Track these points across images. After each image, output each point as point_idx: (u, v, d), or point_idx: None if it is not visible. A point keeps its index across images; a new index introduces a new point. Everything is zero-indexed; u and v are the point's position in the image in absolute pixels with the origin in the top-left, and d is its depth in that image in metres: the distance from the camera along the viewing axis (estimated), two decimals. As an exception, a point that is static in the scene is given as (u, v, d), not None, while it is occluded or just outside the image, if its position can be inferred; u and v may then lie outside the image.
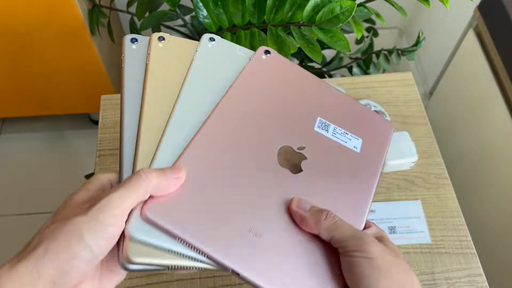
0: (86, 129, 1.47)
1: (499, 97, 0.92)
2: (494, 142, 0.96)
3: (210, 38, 0.47)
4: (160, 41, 0.45)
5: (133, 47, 0.44)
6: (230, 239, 0.36)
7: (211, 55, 0.46)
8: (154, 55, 0.43)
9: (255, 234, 0.37)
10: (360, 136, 0.46)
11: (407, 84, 0.71)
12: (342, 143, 0.45)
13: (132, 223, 0.34)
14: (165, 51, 0.44)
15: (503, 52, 0.90)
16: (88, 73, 1.22)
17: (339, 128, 0.46)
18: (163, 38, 0.45)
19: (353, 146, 0.46)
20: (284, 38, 0.61)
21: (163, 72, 0.43)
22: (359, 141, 0.46)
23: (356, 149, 0.46)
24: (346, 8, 0.53)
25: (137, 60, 0.43)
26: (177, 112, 0.41)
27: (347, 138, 0.46)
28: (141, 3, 0.87)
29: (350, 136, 0.46)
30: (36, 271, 0.30)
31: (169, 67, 0.44)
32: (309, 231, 0.37)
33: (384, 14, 0.74)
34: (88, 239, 0.31)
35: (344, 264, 0.35)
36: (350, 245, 0.35)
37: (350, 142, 0.46)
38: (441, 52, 1.24)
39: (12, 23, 1.05)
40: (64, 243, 0.31)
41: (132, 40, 0.44)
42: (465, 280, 0.55)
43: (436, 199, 0.61)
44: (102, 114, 0.67)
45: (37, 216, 1.32)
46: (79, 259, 0.31)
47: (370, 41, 0.91)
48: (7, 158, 1.43)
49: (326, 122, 0.46)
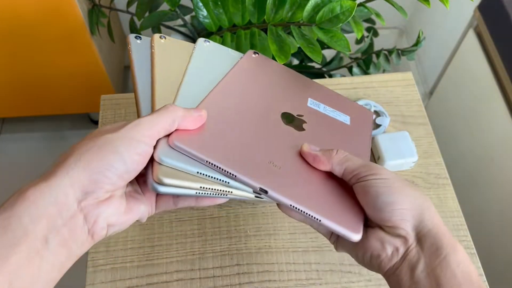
0: (86, 129, 1.47)
1: (499, 97, 0.92)
2: (494, 142, 0.96)
3: (204, 40, 0.51)
4: (161, 39, 0.49)
5: (138, 42, 0.48)
6: (255, 164, 0.38)
7: (207, 52, 0.50)
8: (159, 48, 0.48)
9: (275, 166, 0.39)
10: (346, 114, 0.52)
11: (407, 84, 0.71)
12: (333, 116, 0.50)
13: (160, 149, 0.35)
14: (167, 46, 0.49)
15: (503, 52, 0.90)
16: (88, 73, 1.22)
17: (328, 107, 0.51)
18: (164, 37, 0.49)
19: (343, 120, 0.51)
20: (284, 38, 0.61)
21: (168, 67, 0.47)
22: (347, 117, 0.51)
23: (346, 122, 0.50)
24: (346, 8, 0.53)
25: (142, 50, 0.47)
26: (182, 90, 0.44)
27: (336, 114, 0.51)
28: (141, 3, 0.87)
29: (339, 113, 0.51)
30: (68, 179, 0.30)
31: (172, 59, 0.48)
32: (322, 169, 0.39)
33: (384, 14, 0.73)
34: (122, 150, 0.31)
35: (359, 190, 0.37)
36: (364, 171, 0.36)
37: (340, 117, 0.51)
38: (441, 52, 1.24)
39: (12, 23, 1.05)
40: (97, 153, 0.31)
41: (136, 37, 0.48)
42: (465, 280, 0.55)
43: (436, 199, 0.61)
44: (102, 114, 0.67)
45: (37, 216, 1.32)
46: (112, 170, 0.31)
47: (370, 41, 0.91)
48: (7, 158, 1.43)
49: (316, 102, 0.51)
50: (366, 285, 0.54)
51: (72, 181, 0.30)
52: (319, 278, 0.54)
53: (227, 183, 0.37)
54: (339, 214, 0.37)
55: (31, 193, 0.29)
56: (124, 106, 0.67)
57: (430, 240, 0.34)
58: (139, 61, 0.46)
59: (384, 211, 0.34)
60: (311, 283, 0.54)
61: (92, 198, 0.31)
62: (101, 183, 0.31)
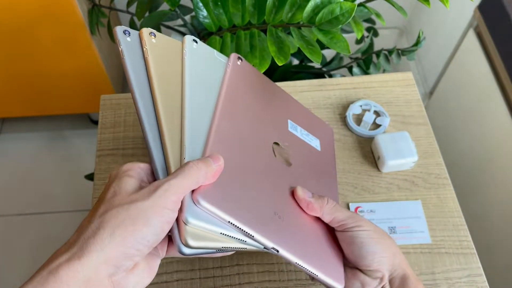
0: (86, 129, 1.47)
1: (499, 97, 0.92)
2: (494, 142, 0.96)
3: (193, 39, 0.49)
4: (151, 36, 0.46)
5: (128, 40, 0.44)
6: (265, 219, 0.40)
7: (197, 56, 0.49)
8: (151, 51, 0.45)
9: (279, 217, 0.42)
10: (316, 137, 0.55)
11: (407, 84, 0.71)
12: (308, 142, 0.53)
13: (187, 210, 0.35)
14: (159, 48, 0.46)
15: (503, 52, 0.90)
16: (88, 73, 1.22)
17: (303, 130, 0.54)
18: (154, 34, 0.46)
19: (315, 145, 0.54)
20: (284, 39, 0.61)
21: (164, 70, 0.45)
22: (317, 141, 0.55)
23: (317, 147, 0.54)
24: (346, 9, 0.53)
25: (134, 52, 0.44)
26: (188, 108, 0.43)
27: (309, 138, 0.54)
28: (141, 3, 0.87)
29: (312, 137, 0.54)
30: (102, 256, 0.30)
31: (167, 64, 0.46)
32: (313, 215, 0.45)
33: (384, 14, 0.73)
34: (154, 222, 0.31)
35: (344, 238, 0.43)
36: (350, 223, 0.43)
37: (312, 142, 0.54)
38: (441, 52, 1.24)
39: (12, 23, 1.05)
40: (131, 227, 0.31)
41: (125, 32, 0.44)
42: (465, 280, 0.55)
43: (436, 199, 0.61)
44: (102, 114, 0.67)
45: (37, 216, 1.32)
46: (145, 243, 0.31)
47: (370, 41, 0.91)
48: (7, 158, 1.43)
49: (294, 124, 0.53)
50: (366, 285, 0.54)
51: (106, 257, 0.30)
52: (319, 278, 0.54)
53: (244, 242, 0.39)
54: (330, 267, 0.43)
55: (64, 273, 0.29)
56: (124, 106, 0.67)
57: (399, 280, 0.41)
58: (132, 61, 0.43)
59: (367, 259, 0.41)
60: (311, 283, 0.54)
61: (122, 270, 0.31)
62: (133, 256, 0.31)
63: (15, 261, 1.25)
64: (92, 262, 0.29)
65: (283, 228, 0.41)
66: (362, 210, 0.60)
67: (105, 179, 0.61)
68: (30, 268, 1.23)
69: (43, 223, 1.30)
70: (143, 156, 0.62)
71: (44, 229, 1.29)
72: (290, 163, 0.48)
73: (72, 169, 1.40)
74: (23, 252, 1.26)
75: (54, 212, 1.32)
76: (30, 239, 1.28)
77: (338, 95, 0.69)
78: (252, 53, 0.63)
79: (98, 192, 0.60)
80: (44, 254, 1.50)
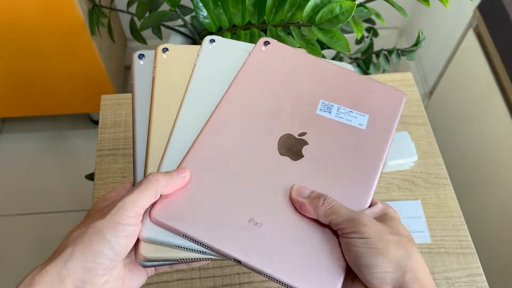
0: (86, 129, 1.47)
1: (499, 97, 0.92)
2: (494, 141, 0.96)
3: (210, 40, 0.49)
4: (164, 52, 0.48)
5: (141, 63, 0.47)
6: (231, 231, 0.38)
7: (212, 57, 0.48)
8: (159, 67, 0.47)
9: (255, 224, 0.39)
10: (366, 112, 0.46)
11: (407, 84, 0.71)
12: (346, 122, 0.46)
13: (143, 227, 0.38)
14: (169, 61, 0.47)
15: (503, 52, 0.90)
16: (88, 73, 1.22)
17: (343, 108, 0.46)
18: (166, 49, 0.48)
19: (358, 123, 0.46)
20: (284, 38, 0.61)
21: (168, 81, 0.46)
22: (365, 117, 0.46)
23: (361, 126, 0.46)
24: (346, 8, 0.53)
25: (145, 74, 0.47)
26: (181, 118, 0.44)
27: (351, 116, 0.46)
28: (141, 3, 0.87)
29: (356, 113, 0.46)
30: (65, 270, 0.33)
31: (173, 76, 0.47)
32: (309, 216, 0.39)
33: (384, 14, 0.74)
34: (109, 237, 0.34)
35: (343, 245, 0.37)
36: (346, 227, 0.36)
37: (355, 120, 0.46)
38: (441, 52, 1.24)
39: (12, 23, 1.05)
40: (88, 243, 0.34)
41: (139, 56, 0.47)
42: (465, 280, 0.55)
43: (436, 199, 0.61)
44: (102, 114, 0.67)
45: (37, 216, 1.32)
46: (103, 257, 0.34)
47: (370, 41, 0.91)
48: (7, 158, 1.43)
49: (329, 103, 0.46)
50: (366, 285, 0.54)
51: (69, 272, 0.33)
52: (319, 278, 0.54)
53: (203, 253, 0.38)
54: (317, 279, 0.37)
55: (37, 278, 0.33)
56: (124, 106, 0.67)
57: None
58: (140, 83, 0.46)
59: (364, 273, 0.34)
60: (311, 283, 0.54)
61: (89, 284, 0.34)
62: (95, 270, 0.34)
63: (15, 261, 1.25)
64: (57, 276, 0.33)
65: (257, 235, 0.38)
66: None
67: (105, 179, 0.61)
68: (30, 268, 1.23)
69: (43, 223, 1.30)
70: (143, 155, 0.62)
71: (44, 229, 1.29)
72: (302, 155, 0.43)
73: (72, 169, 1.40)
74: (23, 252, 1.26)
75: (54, 212, 1.33)
76: (30, 239, 1.28)
77: (338, 95, 0.69)
78: (252, 53, 0.63)
79: (98, 192, 0.60)
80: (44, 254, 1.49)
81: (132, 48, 1.48)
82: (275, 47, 0.49)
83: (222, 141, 0.43)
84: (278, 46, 0.49)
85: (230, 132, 0.44)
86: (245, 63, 0.47)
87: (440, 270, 0.56)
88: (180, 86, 0.46)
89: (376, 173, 0.43)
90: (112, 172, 0.61)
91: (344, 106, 0.46)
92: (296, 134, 0.44)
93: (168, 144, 0.42)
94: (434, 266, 0.56)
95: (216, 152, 0.42)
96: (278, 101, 0.46)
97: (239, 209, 0.40)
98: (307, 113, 0.46)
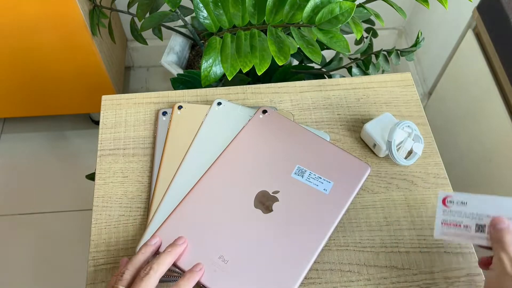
0: (87, 129, 1.48)
1: (498, 97, 0.93)
2: (493, 142, 0.96)
3: (218, 102, 0.62)
4: (179, 109, 0.61)
5: (164, 119, 0.61)
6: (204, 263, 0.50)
7: (217, 118, 0.60)
8: (174, 122, 0.60)
9: (223, 260, 0.50)
10: (332, 179, 0.56)
11: (406, 84, 0.72)
12: (314, 186, 0.55)
13: None
14: (182, 118, 0.60)
15: (502, 52, 0.91)
16: (88, 74, 1.22)
17: (314, 173, 0.56)
18: (181, 107, 0.61)
19: (323, 189, 0.55)
20: (284, 39, 0.61)
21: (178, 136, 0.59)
22: (330, 184, 0.56)
23: (325, 192, 0.55)
24: (346, 9, 0.54)
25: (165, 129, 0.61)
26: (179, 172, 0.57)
27: (319, 182, 0.56)
28: (141, 4, 0.87)
29: (323, 180, 0.56)
30: None
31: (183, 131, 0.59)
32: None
33: (383, 15, 0.74)
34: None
35: None
36: None
37: (322, 185, 0.55)
38: (440, 52, 1.24)
39: (13, 23, 1.05)
40: None
41: (163, 114, 0.62)
42: (464, 280, 0.55)
43: (435, 199, 0.61)
44: (103, 114, 0.67)
45: (37, 216, 1.32)
46: None
47: (369, 41, 0.91)
48: (8, 158, 1.43)
49: (303, 168, 0.56)
50: (366, 284, 0.54)
51: None
52: (319, 277, 0.55)
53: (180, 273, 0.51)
54: None
55: None
56: (124, 106, 0.68)
57: None
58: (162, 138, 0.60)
59: None
60: (311, 282, 0.54)
61: None
62: None
63: (15, 261, 1.25)
64: None
65: (223, 270, 0.50)
66: (451, 201, 0.51)
67: (106, 178, 0.61)
68: (30, 268, 1.24)
69: (44, 223, 1.31)
70: (144, 156, 0.62)
71: (45, 229, 1.30)
72: (272, 210, 0.53)
73: (73, 169, 1.40)
74: (23, 252, 1.26)
75: (55, 212, 1.33)
76: (30, 239, 1.28)
77: (337, 96, 0.70)
78: (252, 53, 0.64)
79: (99, 192, 0.60)
80: (44, 254, 1.50)
81: (133, 48, 1.48)
82: (271, 115, 0.60)
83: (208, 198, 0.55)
84: (273, 114, 0.61)
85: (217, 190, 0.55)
86: (243, 129, 0.59)
87: (439, 270, 0.56)
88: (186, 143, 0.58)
89: (323, 237, 0.53)
90: (112, 172, 0.62)
91: (315, 172, 0.56)
92: (271, 192, 0.55)
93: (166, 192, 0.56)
94: (433, 266, 0.56)
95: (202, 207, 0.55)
96: (263, 163, 0.57)
97: (212, 247, 0.51)
98: (284, 174, 0.56)
